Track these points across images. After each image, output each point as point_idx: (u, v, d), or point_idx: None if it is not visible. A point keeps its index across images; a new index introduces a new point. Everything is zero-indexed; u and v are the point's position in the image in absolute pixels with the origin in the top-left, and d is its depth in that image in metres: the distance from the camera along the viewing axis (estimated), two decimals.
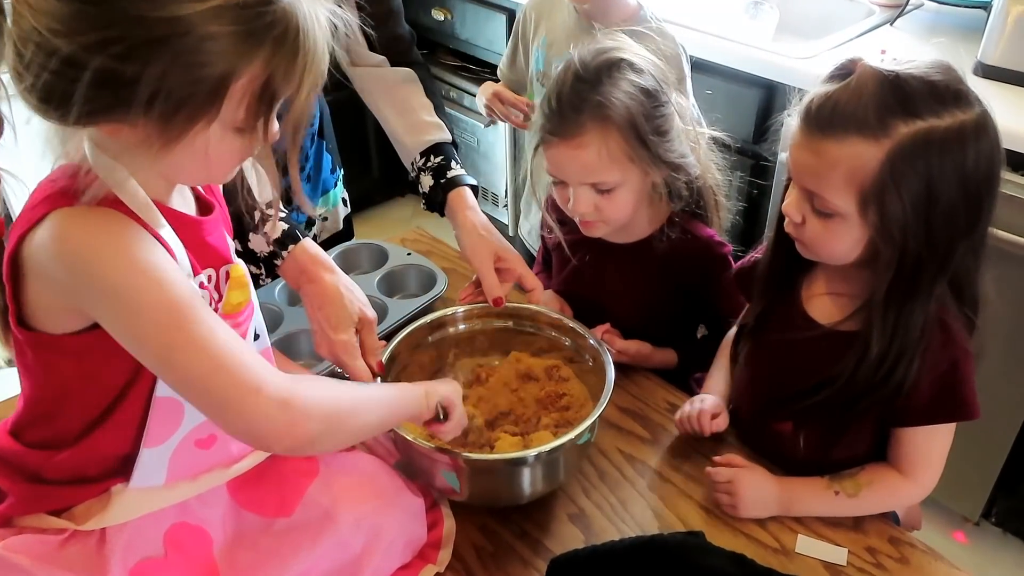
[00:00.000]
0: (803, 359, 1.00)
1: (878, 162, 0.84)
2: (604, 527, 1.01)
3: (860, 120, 0.84)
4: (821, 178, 0.88)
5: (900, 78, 0.83)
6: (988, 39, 1.73)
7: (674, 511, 1.03)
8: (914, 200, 0.84)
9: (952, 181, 0.84)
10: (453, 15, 2.69)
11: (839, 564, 0.95)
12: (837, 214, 0.89)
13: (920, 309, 0.89)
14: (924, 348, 0.91)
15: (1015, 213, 1.55)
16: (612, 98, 1.06)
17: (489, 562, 0.96)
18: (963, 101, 0.84)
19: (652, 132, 1.08)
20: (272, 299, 1.32)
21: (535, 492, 0.99)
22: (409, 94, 1.31)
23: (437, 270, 1.38)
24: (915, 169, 0.83)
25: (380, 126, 1.34)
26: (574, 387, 1.10)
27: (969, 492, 1.92)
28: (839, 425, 1.00)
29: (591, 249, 1.25)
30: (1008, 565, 1.92)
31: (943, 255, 0.87)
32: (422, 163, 1.26)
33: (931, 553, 0.97)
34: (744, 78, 1.87)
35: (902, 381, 0.92)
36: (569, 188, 1.12)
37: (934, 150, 0.83)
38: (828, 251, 0.94)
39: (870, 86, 0.84)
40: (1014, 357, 1.67)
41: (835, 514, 1.00)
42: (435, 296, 1.33)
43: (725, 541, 0.97)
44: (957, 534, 1.97)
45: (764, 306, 1.08)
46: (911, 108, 0.83)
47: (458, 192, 1.22)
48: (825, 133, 0.87)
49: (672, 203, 1.19)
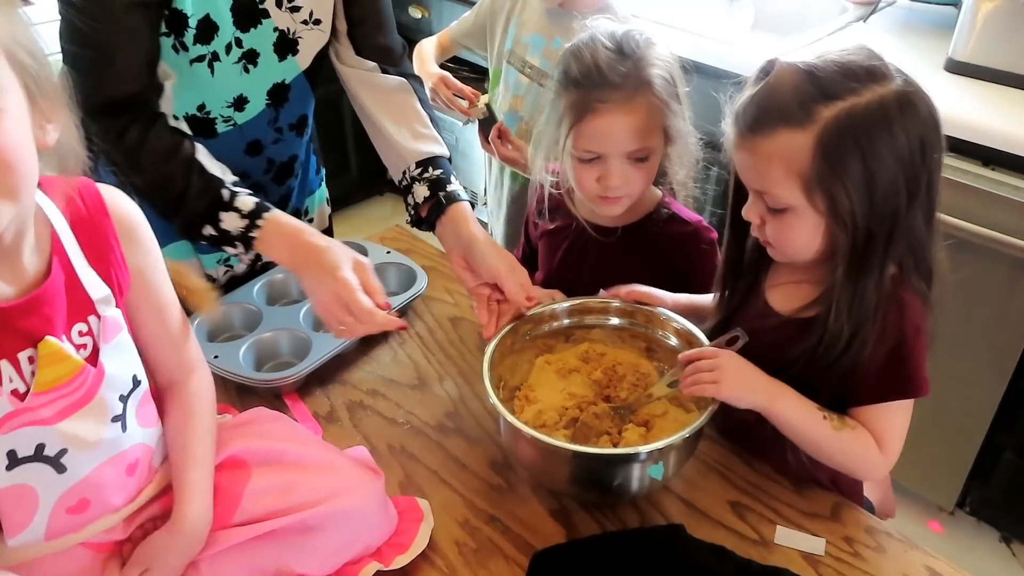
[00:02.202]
0: (766, 347, 1.01)
1: (810, 148, 0.86)
2: (585, 522, 1.01)
3: (784, 111, 0.87)
4: (763, 175, 0.92)
5: (814, 66, 0.87)
6: (959, 36, 1.76)
7: (654, 505, 1.03)
8: (853, 179, 0.87)
9: (884, 154, 0.86)
10: (430, 12, 2.68)
11: (817, 554, 0.96)
12: (788, 207, 0.91)
13: (873, 285, 0.91)
14: (880, 324, 0.92)
15: (996, 210, 1.57)
16: (653, 62, 1.11)
17: (471, 558, 0.97)
18: (879, 76, 0.87)
19: (679, 99, 1.14)
20: (251, 299, 1.31)
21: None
22: (405, 103, 1.30)
23: (417, 268, 1.39)
24: (846, 148, 0.86)
25: (359, 125, 1.34)
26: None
27: (943, 481, 1.95)
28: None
29: (581, 236, 1.27)
30: (983, 553, 1.95)
31: (889, 229, 0.89)
32: (417, 173, 1.24)
33: (907, 542, 0.98)
34: (720, 75, 1.89)
35: (856, 358, 0.93)
36: (603, 162, 1.14)
37: (859, 126, 0.85)
38: (791, 246, 0.96)
39: (788, 79, 0.88)
40: (988, 348, 1.69)
41: (809, 435, 0.97)
42: (415, 294, 1.34)
43: (705, 533, 0.98)
44: (932, 523, 2.00)
45: (733, 302, 1.09)
46: (829, 91, 0.86)
47: (460, 206, 1.20)
48: (755, 132, 0.90)
49: (663, 182, 1.23)
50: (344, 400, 1.20)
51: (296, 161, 1.39)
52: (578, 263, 1.30)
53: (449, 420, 1.16)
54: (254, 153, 1.30)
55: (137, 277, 0.85)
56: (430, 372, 1.25)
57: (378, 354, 1.29)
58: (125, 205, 0.84)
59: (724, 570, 0.92)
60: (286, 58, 1.23)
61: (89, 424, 0.79)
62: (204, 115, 1.21)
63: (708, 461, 1.09)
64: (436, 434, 1.14)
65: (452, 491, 1.05)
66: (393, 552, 0.95)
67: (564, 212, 1.25)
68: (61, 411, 0.76)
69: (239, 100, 1.22)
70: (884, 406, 0.97)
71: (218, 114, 1.22)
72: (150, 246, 0.87)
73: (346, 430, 1.14)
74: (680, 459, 0.99)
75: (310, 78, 1.29)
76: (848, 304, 0.92)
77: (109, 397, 0.80)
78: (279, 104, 1.27)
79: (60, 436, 0.77)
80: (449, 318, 1.36)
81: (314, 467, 0.95)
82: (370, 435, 1.14)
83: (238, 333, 1.28)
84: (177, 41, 1.11)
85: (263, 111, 1.26)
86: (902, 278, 0.94)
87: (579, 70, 1.11)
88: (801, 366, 0.96)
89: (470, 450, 1.11)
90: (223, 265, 1.41)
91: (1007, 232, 1.56)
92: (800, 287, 1.01)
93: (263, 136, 1.29)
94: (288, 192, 1.42)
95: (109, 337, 0.80)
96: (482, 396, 1.19)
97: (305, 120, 1.35)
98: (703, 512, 1.02)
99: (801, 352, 0.96)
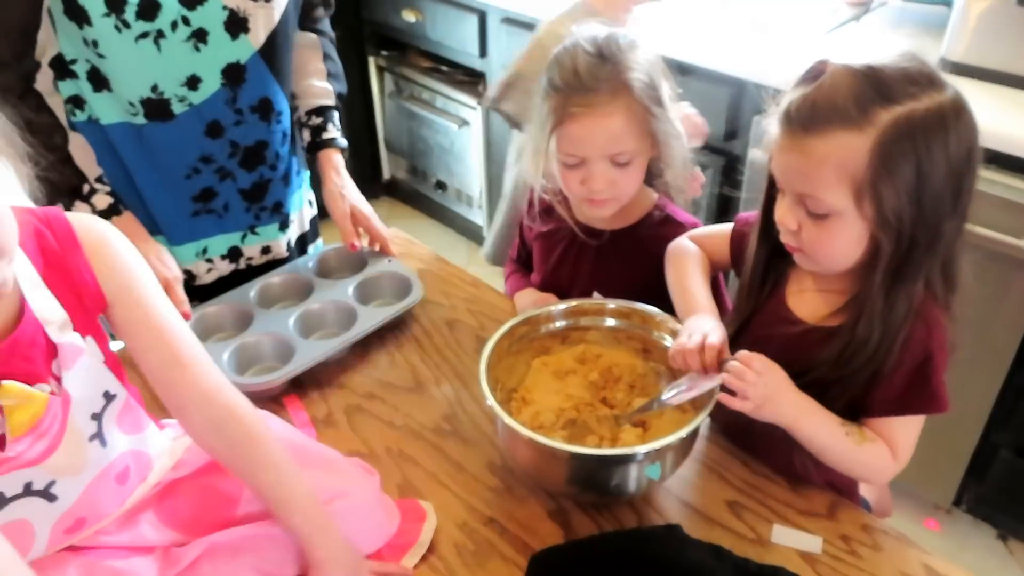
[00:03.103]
0: (788, 354, 1.00)
1: (867, 151, 0.84)
2: (583, 523, 1.02)
3: (841, 113, 0.85)
4: (811, 178, 0.88)
5: (872, 69, 0.85)
6: (952, 36, 1.76)
7: (652, 505, 1.04)
8: (906, 184, 0.85)
9: (939, 161, 0.85)
10: (424, 16, 2.69)
11: (814, 552, 0.97)
12: (832, 213, 0.89)
13: (906, 294, 0.91)
14: (906, 337, 0.92)
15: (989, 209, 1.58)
16: (632, 66, 1.11)
17: (470, 560, 0.97)
18: (937, 83, 0.86)
19: (661, 102, 1.13)
20: (247, 299, 1.32)
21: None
22: (311, 56, 1.45)
23: (413, 277, 1.37)
24: (903, 153, 0.84)
25: (352, 127, 1.37)
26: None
27: (940, 480, 1.95)
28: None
29: (575, 238, 1.27)
30: (979, 551, 1.95)
31: (932, 236, 0.89)
32: (306, 119, 1.46)
33: (904, 540, 0.99)
34: (714, 76, 1.90)
35: (879, 367, 0.93)
36: (586, 166, 1.14)
37: (918, 132, 0.84)
38: (829, 255, 0.94)
39: (845, 80, 0.86)
40: (983, 347, 1.70)
41: (832, 451, 0.97)
42: (411, 303, 1.32)
43: (702, 533, 0.98)
44: (929, 521, 2.00)
45: (751, 310, 1.07)
46: (889, 95, 0.84)
47: (326, 154, 1.43)
48: (808, 131, 0.87)
49: (655, 185, 1.23)
50: (342, 404, 1.20)
51: (266, 149, 1.38)
52: (573, 265, 1.31)
53: (446, 423, 1.17)
54: (215, 135, 1.31)
55: (118, 296, 0.84)
56: (427, 375, 1.25)
57: (375, 358, 1.29)
58: (95, 228, 0.84)
59: (722, 569, 0.92)
60: (238, 37, 1.24)
61: (72, 452, 0.80)
62: (159, 96, 1.23)
63: (705, 461, 1.09)
64: (434, 437, 1.14)
65: (450, 493, 1.05)
66: (397, 553, 0.95)
67: (558, 215, 1.26)
68: (45, 450, 0.77)
69: (192, 79, 1.23)
70: (902, 419, 0.97)
71: (172, 94, 1.23)
72: (129, 265, 0.86)
73: (344, 433, 1.14)
74: (677, 459, 1.00)
75: (267, 59, 1.30)
76: (881, 313, 0.91)
77: (81, 420, 0.81)
78: (235, 84, 1.28)
79: (46, 471, 0.78)
80: (445, 321, 1.36)
81: (311, 466, 0.95)
82: (368, 438, 1.14)
83: (230, 334, 1.28)
84: (118, 20, 1.14)
85: (219, 91, 1.27)
86: (930, 292, 0.93)
87: (560, 75, 1.13)
88: (821, 372, 0.96)
89: (468, 452, 1.11)
90: (203, 261, 1.42)
91: (1001, 231, 1.57)
92: (825, 295, 1.00)
93: (222, 117, 1.30)
94: (262, 181, 1.41)
95: (69, 363, 0.79)
96: (479, 399, 1.19)
97: (269, 105, 1.35)
98: (700, 512, 1.02)
99: (823, 359, 0.96)
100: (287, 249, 1.51)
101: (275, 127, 1.38)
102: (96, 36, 1.15)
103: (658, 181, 1.23)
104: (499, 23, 2.44)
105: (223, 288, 1.37)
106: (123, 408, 0.86)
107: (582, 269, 1.30)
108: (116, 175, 1.28)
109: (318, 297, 1.33)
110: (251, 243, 1.46)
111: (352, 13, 2.92)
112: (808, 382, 0.97)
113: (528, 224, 1.37)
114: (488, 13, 2.47)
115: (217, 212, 1.38)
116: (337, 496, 0.93)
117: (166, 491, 0.92)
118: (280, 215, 1.47)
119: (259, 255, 1.48)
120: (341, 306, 1.31)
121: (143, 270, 0.87)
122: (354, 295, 1.33)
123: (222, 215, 1.39)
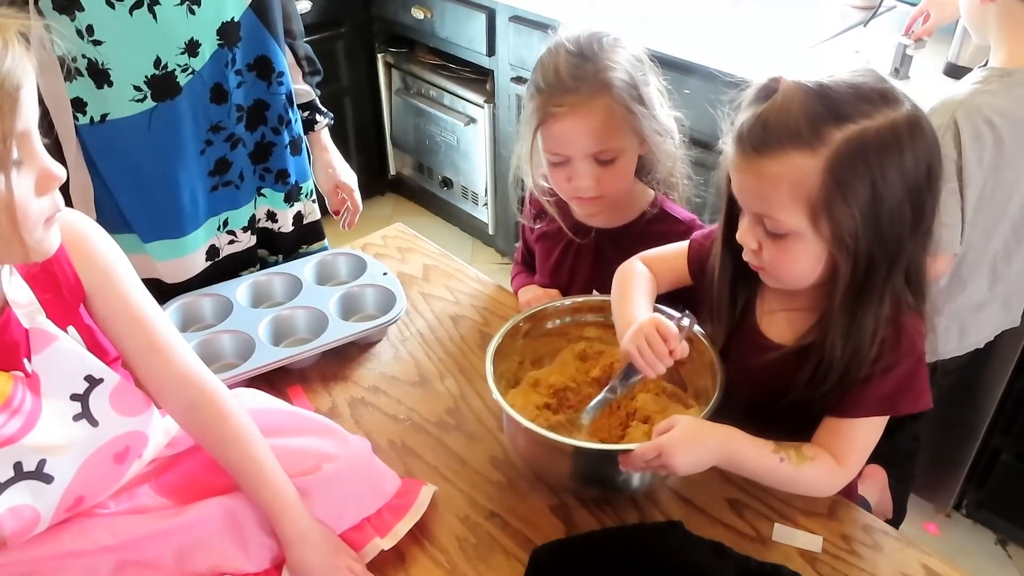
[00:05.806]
0: (761, 379, 1.00)
1: (819, 171, 0.83)
2: (584, 518, 1.02)
3: (793, 133, 0.84)
4: (767, 198, 0.88)
5: (824, 86, 0.84)
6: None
7: (653, 502, 1.04)
8: (861, 204, 0.84)
9: (894, 179, 0.84)
10: (433, 14, 2.69)
11: (814, 551, 0.97)
12: (790, 233, 0.88)
13: (872, 312, 0.90)
14: (878, 347, 0.91)
15: None
16: (611, 65, 1.11)
17: (471, 553, 0.97)
18: (891, 100, 0.85)
19: (643, 100, 1.14)
20: (232, 292, 1.32)
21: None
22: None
23: (399, 294, 1.32)
24: (857, 172, 0.83)
25: (359, 124, 1.37)
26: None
27: (940, 484, 1.96)
28: (795, 430, 0.99)
29: (576, 237, 1.28)
30: (979, 556, 1.96)
31: (893, 255, 0.88)
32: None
33: (904, 540, 0.99)
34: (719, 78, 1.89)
35: (853, 381, 0.93)
36: (570, 164, 1.15)
37: (871, 150, 0.83)
38: (790, 273, 0.93)
39: (797, 98, 0.84)
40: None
41: (769, 480, 0.97)
42: (391, 319, 1.28)
43: (703, 530, 0.99)
44: (929, 525, 2.01)
45: (726, 333, 1.06)
46: (841, 113, 0.83)
47: (315, 135, 1.52)
48: (761, 152, 0.86)
49: (647, 181, 1.24)
50: (346, 396, 1.21)
51: (267, 109, 1.38)
52: (572, 264, 1.31)
53: (450, 416, 1.17)
54: (220, 100, 1.30)
55: (98, 288, 0.87)
56: (431, 369, 1.26)
57: (379, 351, 1.30)
58: (73, 221, 0.87)
59: (722, 567, 0.92)
60: None
61: (54, 429, 0.81)
62: (163, 71, 1.22)
63: None
64: (437, 430, 1.15)
65: (452, 487, 1.06)
66: (397, 514, 0.97)
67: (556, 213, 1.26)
68: (22, 427, 0.79)
69: (191, 44, 1.23)
70: (871, 420, 0.95)
71: (175, 65, 1.23)
72: (107, 257, 0.89)
73: (347, 426, 1.15)
74: None
75: (260, 15, 1.30)
76: (845, 332, 0.90)
77: (59, 401, 0.82)
78: (232, 43, 1.28)
79: (32, 449, 0.80)
80: (450, 315, 1.37)
81: (304, 432, 0.98)
82: (371, 431, 1.14)
83: (207, 326, 1.29)
84: None
85: (217, 52, 1.26)
86: (900, 300, 0.92)
87: (542, 76, 1.14)
88: (798, 395, 0.96)
89: (470, 446, 1.12)
90: (225, 233, 1.42)
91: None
92: (796, 315, 0.99)
93: (224, 80, 1.29)
94: (264, 142, 1.41)
95: (39, 347, 0.81)
96: (482, 393, 1.20)
97: (268, 64, 1.34)
98: (701, 509, 1.03)
99: (798, 382, 0.96)
100: (292, 224, 1.50)
101: (277, 88, 1.37)
102: (90, 20, 1.14)
103: (648, 178, 1.24)
104: (507, 21, 2.44)
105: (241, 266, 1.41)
106: (117, 391, 0.87)
107: (581, 267, 1.30)
108: (123, 176, 1.28)
109: (301, 301, 1.31)
110: (261, 204, 1.46)
111: (361, 9, 2.92)
112: (786, 406, 0.97)
113: (528, 226, 1.38)
114: (497, 11, 2.47)
115: (234, 183, 1.39)
116: (329, 458, 0.96)
117: (163, 467, 0.95)
118: (286, 184, 1.46)
119: (265, 219, 1.48)
120: (316, 315, 1.28)
121: (121, 263, 0.91)
122: (336, 305, 1.31)
123: (239, 185, 1.39)
